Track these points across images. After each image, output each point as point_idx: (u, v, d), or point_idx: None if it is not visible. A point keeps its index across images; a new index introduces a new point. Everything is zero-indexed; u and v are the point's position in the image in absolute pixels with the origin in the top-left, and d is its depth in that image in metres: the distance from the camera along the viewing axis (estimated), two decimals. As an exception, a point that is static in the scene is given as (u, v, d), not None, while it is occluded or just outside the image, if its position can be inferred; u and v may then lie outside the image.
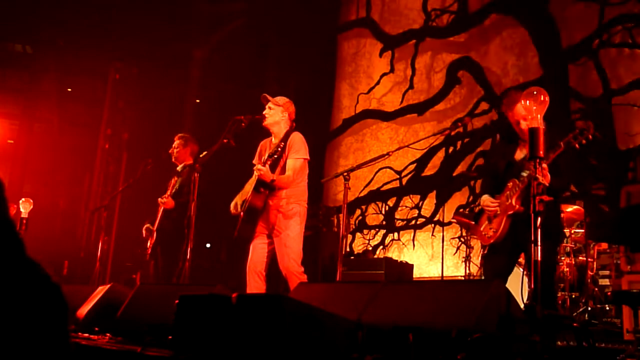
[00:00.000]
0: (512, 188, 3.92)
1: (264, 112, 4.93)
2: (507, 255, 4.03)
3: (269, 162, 4.60)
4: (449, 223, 8.03)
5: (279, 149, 4.62)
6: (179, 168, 5.97)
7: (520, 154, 4.11)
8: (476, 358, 2.42)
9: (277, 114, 4.93)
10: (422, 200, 8.97)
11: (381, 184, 9.46)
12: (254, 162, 5.12)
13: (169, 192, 5.72)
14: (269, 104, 4.96)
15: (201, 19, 9.82)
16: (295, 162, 4.76)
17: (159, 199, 5.71)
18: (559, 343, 3.15)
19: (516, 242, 3.94)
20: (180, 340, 2.79)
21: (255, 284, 4.72)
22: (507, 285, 2.88)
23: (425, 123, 9.22)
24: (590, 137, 3.50)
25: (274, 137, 5.02)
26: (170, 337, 2.91)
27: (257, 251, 4.79)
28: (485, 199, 4.11)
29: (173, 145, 6.01)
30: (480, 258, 6.61)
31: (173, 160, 6.02)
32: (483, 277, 4.50)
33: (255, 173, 4.65)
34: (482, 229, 4.12)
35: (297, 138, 4.85)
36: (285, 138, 4.80)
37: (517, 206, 3.86)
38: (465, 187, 8.37)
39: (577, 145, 3.60)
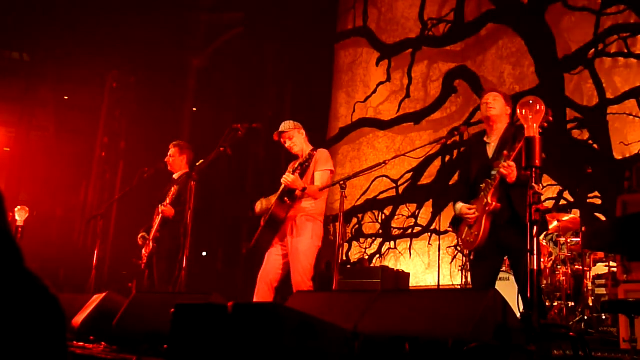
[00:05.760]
0: (485, 188, 3.91)
1: (287, 147, 4.97)
2: (493, 260, 4.02)
3: (298, 171, 4.61)
4: (446, 232, 8.02)
5: (309, 158, 4.68)
6: (175, 176, 5.90)
7: (491, 150, 4.10)
8: (472, 367, 2.42)
9: (298, 139, 4.98)
10: (418, 209, 8.98)
11: (377, 192, 9.46)
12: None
13: (169, 200, 5.65)
14: (287, 137, 4.97)
15: (199, 27, 9.85)
16: (323, 175, 4.79)
17: (159, 206, 5.66)
18: (555, 352, 3.15)
19: (499, 244, 3.94)
20: (175, 349, 2.78)
21: (263, 294, 4.70)
22: (502, 294, 2.87)
23: (421, 132, 9.24)
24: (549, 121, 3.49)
25: (300, 159, 5.02)
26: (165, 346, 2.91)
27: (271, 262, 4.79)
28: (461, 207, 4.08)
29: (169, 154, 5.94)
30: (467, 265, 6.60)
31: (169, 168, 5.95)
32: (471, 284, 4.48)
33: (282, 182, 4.65)
34: (463, 236, 4.11)
35: (324, 154, 4.94)
36: (310, 155, 4.83)
37: (494, 203, 3.85)
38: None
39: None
